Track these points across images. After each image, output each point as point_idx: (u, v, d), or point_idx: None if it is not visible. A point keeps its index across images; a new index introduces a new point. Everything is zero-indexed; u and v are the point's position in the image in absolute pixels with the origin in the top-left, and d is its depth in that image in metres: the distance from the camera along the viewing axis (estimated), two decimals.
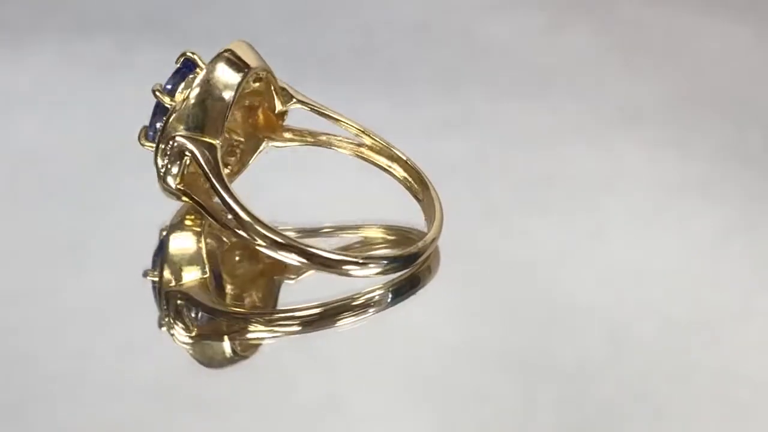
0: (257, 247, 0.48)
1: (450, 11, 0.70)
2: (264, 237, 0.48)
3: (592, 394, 0.46)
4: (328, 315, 0.48)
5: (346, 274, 0.48)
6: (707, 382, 0.47)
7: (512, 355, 0.47)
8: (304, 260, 0.48)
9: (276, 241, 0.48)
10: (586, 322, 0.49)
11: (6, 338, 0.48)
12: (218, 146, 0.49)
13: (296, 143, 0.54)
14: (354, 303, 0.49)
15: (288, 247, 0.48)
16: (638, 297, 0.50)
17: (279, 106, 0.53)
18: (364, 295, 0.49)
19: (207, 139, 0.49)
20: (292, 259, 0.48)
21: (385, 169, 0.53)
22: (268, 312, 0.49)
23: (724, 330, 0.49)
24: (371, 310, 0.49)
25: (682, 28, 0.68)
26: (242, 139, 0.53)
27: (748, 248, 0.53)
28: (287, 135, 0.54)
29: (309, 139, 0.54)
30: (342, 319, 0.48)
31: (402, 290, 0.49)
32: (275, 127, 0.53)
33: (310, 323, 0.48)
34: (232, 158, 0.53)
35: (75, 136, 0.60)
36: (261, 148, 0.54)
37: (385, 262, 0.49)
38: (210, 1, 0.71)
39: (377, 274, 0.49)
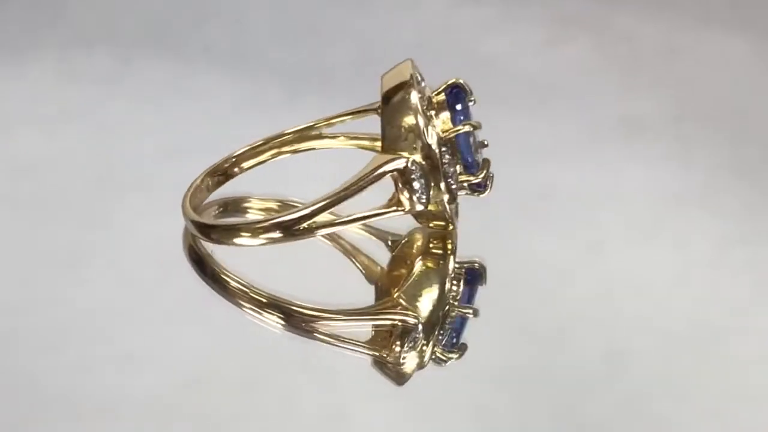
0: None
1: (449, 27, 0.70)
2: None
3: (590, 408, 0.46)
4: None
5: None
6: (706, 396, 0.47)
7: (510, 369, 0.47)
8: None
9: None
10: (585, 335, 0.49)
11: (4, 351, 0.48)
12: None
13: None
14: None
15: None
16: (637, 310, 0.50)
17: None
18: None
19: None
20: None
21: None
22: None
23: (723, 344, 0.49)
24: None
25: (680, 43, 0.69)
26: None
27: (746, 261, 0.53)
28: None
29: None
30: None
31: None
32: None
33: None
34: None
35: (75, 150, 0.60)
36: None
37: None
38: (209, 15, 0.71)
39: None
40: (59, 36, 0.69)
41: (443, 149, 0.50)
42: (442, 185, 0.50)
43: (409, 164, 0.49)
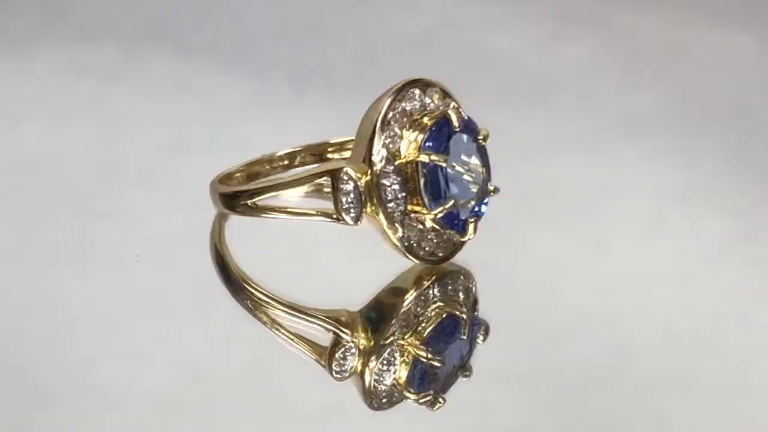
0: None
1: (452, 23, 0.70)
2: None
3: (593, 405, 0.46)
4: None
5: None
6: (709, 392, 0.47)
7: (511, 367, 0.47)
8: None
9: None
10: (588, 332, 0.49)
11: (7, 347, 0.48)
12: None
13: None
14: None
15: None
16: (640, 306, 0.50)
17: None
18: None
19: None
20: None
21: None
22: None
23: (727, 339, 0.49)
24: None
25: (683, 38, 0.69)
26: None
27: (750, 257, 0.53)
28: None
29: None
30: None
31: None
32: None
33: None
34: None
35: (80, 144, 0.60)
36: None
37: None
38: (213, 11, 0.71)
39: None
40: (65, 31, 0.69)
41: (388, 170, 0.48)
42: (382, 209, 0.48)
43: (342, 175, 0.47)
